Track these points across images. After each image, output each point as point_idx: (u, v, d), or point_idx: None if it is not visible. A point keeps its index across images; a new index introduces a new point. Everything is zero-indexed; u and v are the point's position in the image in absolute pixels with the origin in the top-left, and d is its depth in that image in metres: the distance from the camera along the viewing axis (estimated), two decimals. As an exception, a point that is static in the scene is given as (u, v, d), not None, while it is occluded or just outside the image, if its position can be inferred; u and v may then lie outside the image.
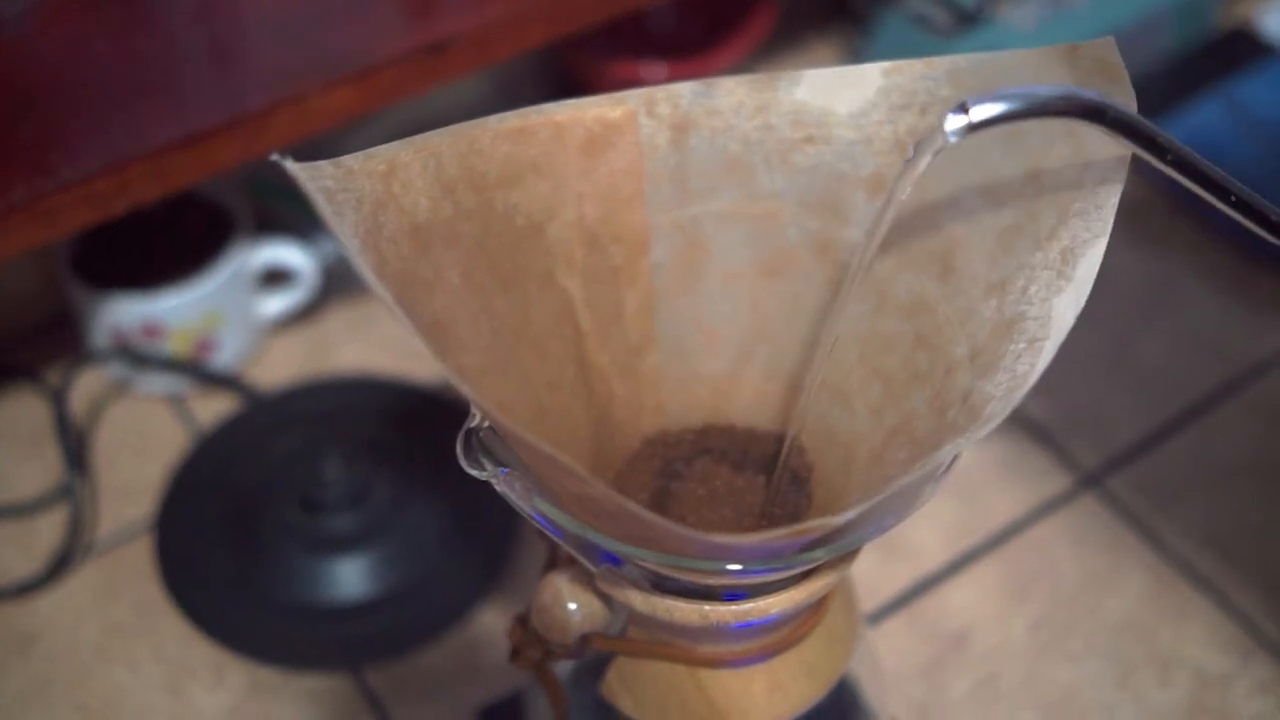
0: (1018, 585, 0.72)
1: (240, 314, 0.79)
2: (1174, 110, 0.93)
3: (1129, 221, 0.86)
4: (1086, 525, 0.74)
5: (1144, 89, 0.43)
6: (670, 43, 0.92)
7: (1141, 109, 0.42)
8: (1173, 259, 0.88)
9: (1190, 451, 0.78)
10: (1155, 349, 0.83)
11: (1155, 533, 0.74)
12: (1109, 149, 0.42)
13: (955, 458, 0.41)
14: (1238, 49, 0.98)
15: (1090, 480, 0.76)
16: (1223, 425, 0.79)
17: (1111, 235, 0.42)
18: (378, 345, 0.82)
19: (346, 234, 0.39)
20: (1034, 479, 0.76)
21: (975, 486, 0.76)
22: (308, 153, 0.42)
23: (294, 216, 0.82)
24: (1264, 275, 0.86)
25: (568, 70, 0.92)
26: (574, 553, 0.44)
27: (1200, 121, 0.92)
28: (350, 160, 0.41)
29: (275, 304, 0.81)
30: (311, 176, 0.40)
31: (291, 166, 0.39)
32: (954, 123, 0.37)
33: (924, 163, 0.38)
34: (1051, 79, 0.43)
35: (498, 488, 0.42)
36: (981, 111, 0.37)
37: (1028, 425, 0.78)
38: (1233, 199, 0.41)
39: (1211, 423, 0.79)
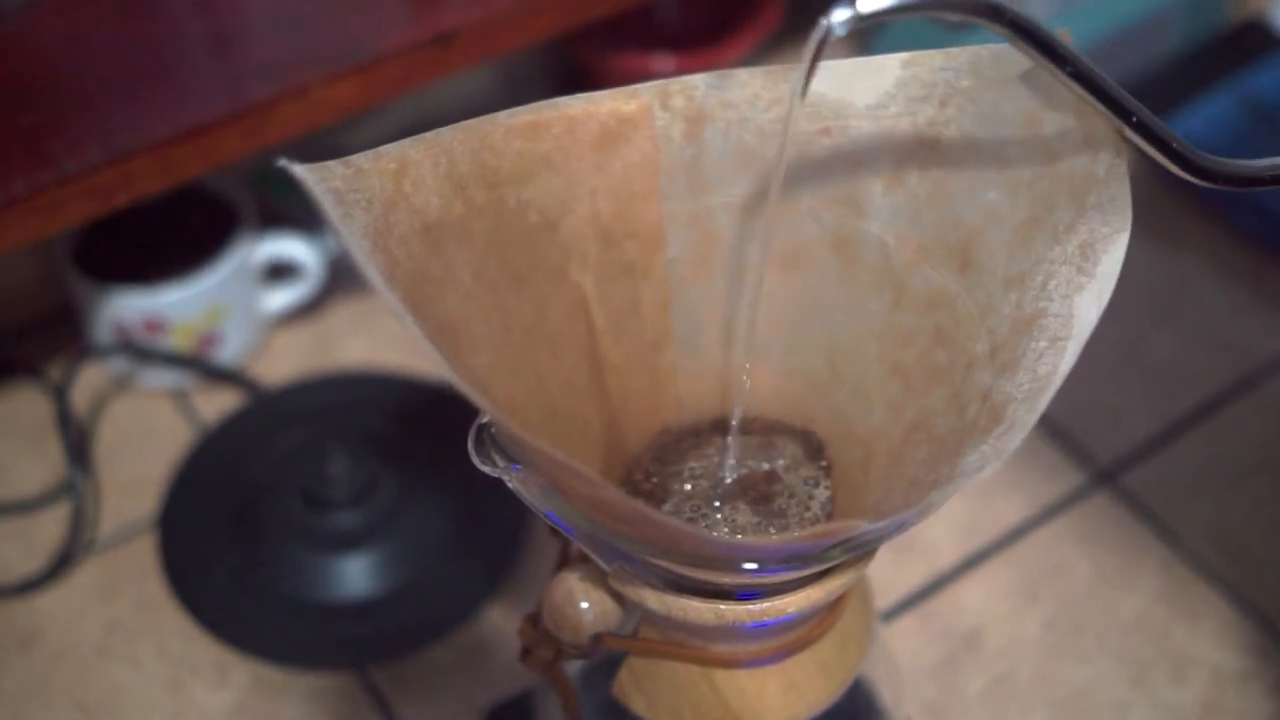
0: (1030, 583, 0.71)
1: (244, 308, 0.79)
2: (1186, 104, 0.92)
3: (1143, 217, 0.85)
4: (1099, 523, 0.74)
5: (1156, 82, 0.42)
6: (678, 35, 0.92)
7: (1153, 102, 0.42)
8: (1187, 255, 0.87)
9: (1205, 448, 0.77)
10: (1169, 345, 0.82)
11: (1169, 530, 0.73)
12: (1108, 128, 0.41)
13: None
14: (1250, 42, 0.97)
15: (1103, 477, 0.76)
16: (1237, 422, 0.78)
17: (1124, 230, 0.41)
18: (383, 340, 0.82)
19: (355, 236, 0.38)
20: (1047, 476, 0.76)
21: (987, 484, 0.75)
22: (310, 146, 0.41)
23: (299, 210, 0.82)
24: (1278, 271, 0.86)
25: (575, 63, 0.92)
26: (587, 550, 0.43)
27: (1212, 115, 0.91)
28: (360, 159, 0.40)
29: (279, 298, 0.81)
30: (320, 178, 0.39)
31: (298, 170, 0.38)
32: (840, 14, 0.36)
33: (811, 54, 0.37)
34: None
35: (510, 484, 0.41)
36: (869, 3, 0.36)
37: (1041, 422, 0.77)
38: (1134, 120, 0.40)
39: (1226, 419, 0.79)
